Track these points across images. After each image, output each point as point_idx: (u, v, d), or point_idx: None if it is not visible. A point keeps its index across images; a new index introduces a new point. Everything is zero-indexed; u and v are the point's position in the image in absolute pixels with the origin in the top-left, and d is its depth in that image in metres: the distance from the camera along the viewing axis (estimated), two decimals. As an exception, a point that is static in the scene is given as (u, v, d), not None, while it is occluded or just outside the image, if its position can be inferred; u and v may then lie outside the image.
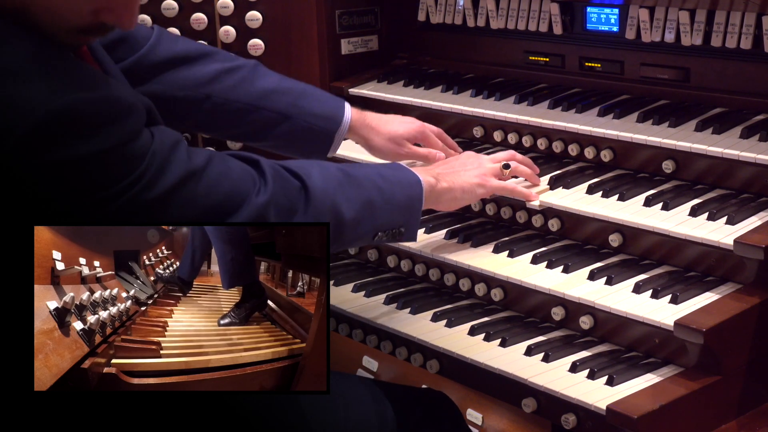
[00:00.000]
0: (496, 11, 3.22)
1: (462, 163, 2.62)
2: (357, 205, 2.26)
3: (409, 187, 2.40)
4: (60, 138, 1.78)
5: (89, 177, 1.82)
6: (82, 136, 1.80)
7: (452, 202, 2.55)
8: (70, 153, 1.79)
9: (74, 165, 1.80)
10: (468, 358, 2.42)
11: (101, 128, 1.83)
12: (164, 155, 1.93)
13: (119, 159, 1.86)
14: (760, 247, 2.26)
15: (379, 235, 2.35)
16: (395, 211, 2.36)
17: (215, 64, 2.78)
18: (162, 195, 1.90)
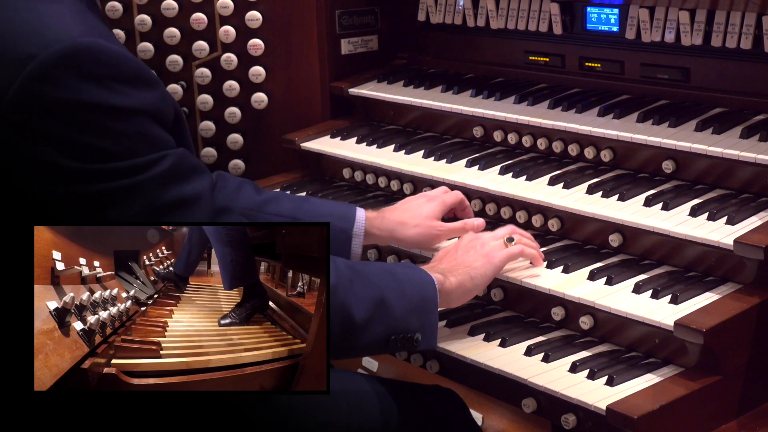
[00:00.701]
0: (496, 11, 3.22)
1: (464, 250, 2.45)
2: (368, 305, 2.13)
3: (421, 286, 2.25)
4: (84, 73, 1.71)
5: (96, 136, 1.73)
6: (104, 79, 1.73)
7: (463, 297, 2.39)
8: (87, 96, 1.71)
9: (85, 112, 1.72)
10: (468, 358, 2.42)
11: (126, 83, 1.76)
12: (186, 167, 1.85)
13: (135, 131, 1.77)
14: (760, 247, 2.26)
15: (393, 339, 2.19)
16: (409, 311, 2.20)
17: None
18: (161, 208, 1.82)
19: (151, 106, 1.82)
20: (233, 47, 3.46)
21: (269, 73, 3.47)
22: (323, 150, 3.30)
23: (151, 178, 1.81)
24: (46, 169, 1.75)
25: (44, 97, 1.70)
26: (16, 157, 1.75)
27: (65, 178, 1.76)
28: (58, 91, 1.71)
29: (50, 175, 1.75)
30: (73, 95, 1.72)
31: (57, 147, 1.73)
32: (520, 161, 2.91)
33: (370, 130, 3.36)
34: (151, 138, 1.81)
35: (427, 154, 3.05)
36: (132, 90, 1.78)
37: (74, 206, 1.79)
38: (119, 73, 1.77)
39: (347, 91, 3.43)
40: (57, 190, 1.77)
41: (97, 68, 1.74)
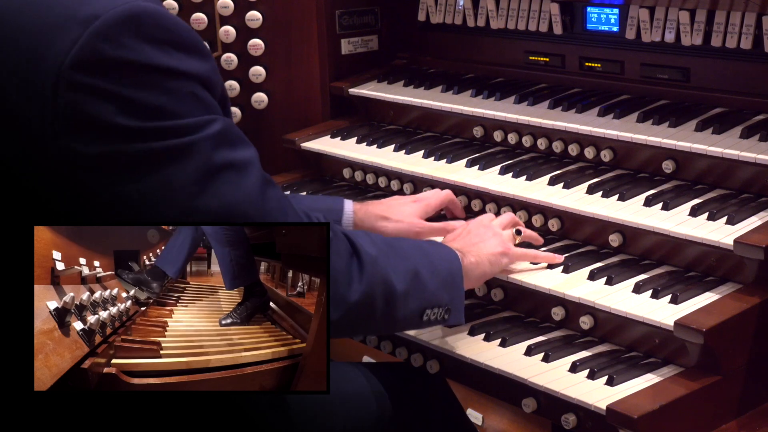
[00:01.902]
0: (496, 11, 3.22)
1: (478, 235, 2.47)
2: (406, 277, 2.16)
3: (449, 261, 2.30)
4: (144, 35, 1.75)
5: (153, 95, 1.77)
6: (162, 43, 1.77)
7: (482, 277, 2.42)
8: (146, 57, 1.76)
9: (144, 72, 1.76)
10: (468, 358, 2.42)
11: (181, 50, 1.80)
12: (235, 135, 1.89)
13: (189, 92, 1.81)
14: (760, 247, 2.26)
15: (427, 313, 2.22)
16: (440, 285, 2.24)
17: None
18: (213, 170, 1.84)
19: (204, 74, 1.86)
20: (233, 47, 3.46)
21: (269, 73, 3.47)
22: (323, 150, 3.30)
23: (204, 138, 1.83)
24: (103, 128, 1.77)
25: (106, 55, 1.74)
26: (74, 118, 1.76)
27: (122, 137, 1.77)
28: (120, 50, 1.75)
29: (107, 135, 1.77)
30: (134, 55, 1.76)
31: (116, 105, 1.76)
32: (520, 161, 2.91)
33: (370, 130, 3.36)
34: (203, 101, 1.85)
35: (427, 154, 3.05)
36: (186, 57, 1.82)
37: (129, 168, 1.80)
38: (176, 39, 1.82)
39: (347, 91, 3.43)
40: (112, 149, 1.78)
41: (157, 32, 1.79)
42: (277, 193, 2.00)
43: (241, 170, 1.90)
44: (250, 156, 1.94)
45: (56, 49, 1.75)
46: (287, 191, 3.26)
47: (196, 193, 1.84)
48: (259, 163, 1.97)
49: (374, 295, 2.11)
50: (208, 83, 1.88)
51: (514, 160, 2.92)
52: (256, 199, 1.92)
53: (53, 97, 1.75)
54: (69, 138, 1.77)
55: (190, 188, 1.83)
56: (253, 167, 1.93)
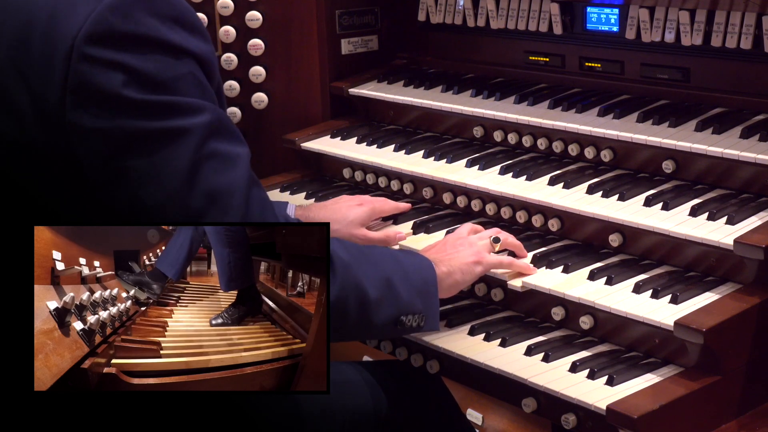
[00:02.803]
0: (496, 11, 3.22)
1: (452, 246, 2.51)
2: (379, 284, 2.19)
3: (422, 269, 2.33)
4: (154, 11, 1.82)
5: (158, 67, 1.83)
6: (169, 20, 1.84)
7: (453, 287, 2.44)
8: (155, 31, 1.82)
9: (152, 45, 1.82)
10: (468, 358, 2.42)
11: (186, 29, 1.86)
12: (228, 129, 1.94)
13: (189, 72, 1.88)
14: (760, 247, 2.26)
15: (402, 320, 2.25)
16: (414, 293, 2.27)
17: None
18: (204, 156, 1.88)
19: (204, 55, 1.92)
20: (233, 47, 3.46)
21: (269, 73, 3.47)
22: (323, 150, 3.30)
23: (200, 124, 1.88)
24: (110, 100, 1.81)
25: (117, 28, 1.80)
26: (82, 91, 1.81)
27: (127, 109, 1.82)
28: (131, 24, 1.81)
29: (113, 107, 1.82)
30: (143, 29, 1.82)
31: (123, 75, 1.81)
32: (520, 161, 2.91)
33: (370, 130, 3.36)
34: (200, 84, 1.91)
35: (427, 154, 3.05)
36: (190, 35, 1.89)
37: (129, 143, 1.84)
38: (182, 17, 1.88)
39: (347, 91, 3.43)
40: (116, 123, 1.82)
41: (166, 9, 1.85)
42: (261, 193, 2.03)
43: (230, 162, 1.94)
44: (241, 152, 1.98)
45: (70, 22, 1.80)
46: (287, 191, 3.26)
47: (185, 179, 1.87)
48: (248, 163, 2.00)
49: (347, 299, 2.13)
50: (207, 66, 1.93)
51: (514, 160, 2.92)
52: (242, 193, 1.94)
53: (65, 70, 1.80)
54: (76, 111, 1.81)
55: (180, 173, 1.87)
56: (242, 162, 1.97)
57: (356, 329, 2.24)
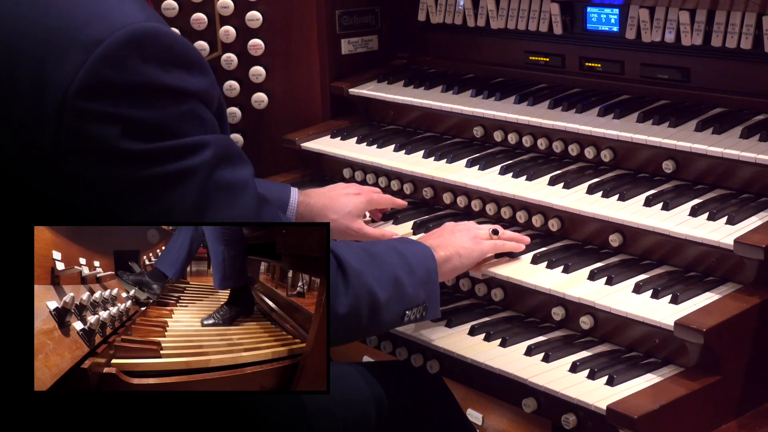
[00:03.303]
0: (497, 11, 3.22)
1: (450, 232, 2.53)
2: (388, 285, 2.21)
3: (424, 259, 2.34)
4: (147, 57, 1.76)
5: (155, 114, 1.78)
6: (164, 63, 1.78)
7: (452, 272, 2.46)
8: (149, 77, 1.76)
9: (147, 93, 1.76)
10: (468, 358, 2.42)
11: (183, 68, 1.81)
12: (233, 154, 1.90)
13: (189, 111, 1.82)
14: (760, 247, 2.26)
15: (407, 314, 2.27)
16: (418, 285, 2.29)
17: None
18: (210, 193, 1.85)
19: (204, 90, 1.87)
20: (233, 47, 3.46)
21: (269, 73, 3.47)
22: (323, 150, 3.30)
23: (203, 162, 1.84)
24: (106, 152, 1.77)
25: (110, 80, 1.75)
26: (76, 144, 1.77)
27: (124, 160, 1.78)
28: (124, 74, 1.76)
29: (109, 159, 1.78)
30: (138, 78, 1.77)
31: (120, 127, 1.76)
32: (521, 161, 2.91)
33: (370, 130, 3.36)
34: (202, 120, 1.86)
35: (427, 154, 3.05)
36: (187, 74, 1.83)
37: (129, 191, 1.81)
38: (178, 57, 1.82)
39: (347, 91, 3.43)
40: (114, 173, 1.79)
41: (159, 52, 1.79)
42: (270, 210, 2.02)
43: (237, 192, 1.92)
44: (246, 176, 1.96)
45: (60, 75, 1.74)
46: (287, 191, 3.26)
47: (194, 217, 1.85)
48: (254, 182, 1.98)
49: (360, 306, 2.15)
50: (207, 99, 1.89)
51: (514, 160, 2.92)
52: (252, 218, 1.94)
53: (58, 124, 1.75)
54: (72, 163, 1.77)
55: (189, 212, 1.85)
56: (248, 187, 1.95)
57: (367, 331, 2.27)
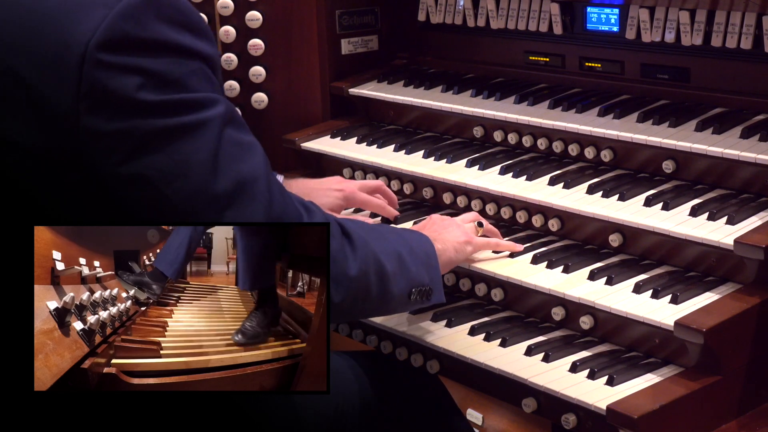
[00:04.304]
0: (496, 11, 3.22)
1: (440, 225, 2.55)
2: (392, 257, 2.23)
3: (423, 243, 2.36)
4: (162, 16, 1.86)
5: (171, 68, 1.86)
6: (177, 25, 1.88)
7: (448, 264, 2.48)
8: (164, 35, 1.86)
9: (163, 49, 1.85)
10: (468, 358, 2.42)
11: (193, 32, 1.90)
12: (240, 119, 1.99)
13: (200, 69, 1.91)
14: (760, 247, 2.26)
15: (413, 292, 2.29)
16: (420, 266, 2.31)
17: None
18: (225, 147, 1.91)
19: (212, 56, 1.97)
20: (233, 47, 3.46)
21: (269, 73, 3.47)
22: (323, 150, 3.30)
23: (215, 115, 1.92)
24: (126, 103, 1.84)
25: (129, 34, 1.83)
26: (98, 96, 1.82)
27: (143, 110, 1.85)
28: (142, 29, 1.85)
29: (129, 109, 1.84)
30: (154, 34, 1.86)
31: (137, 78, 1.84)
32: (520, 161, 2.91)
33: (370, 130, 3.36)
34: (210, 80, 1.95)
35: (427, 154, 3.05)
36: (198, 38, 1.93)
37: (148, 142, 1.86)
38: (189, 22, 1.92)
39: (347, 91, 3.43)
40: (133, 124, 1.85)
41: (174, 14, 1.89)
42: (276, 179, 2.07)
43: (249, 149, 1.99)
44: (255, 140, 2.04)
45: (81, 29, 1.81)
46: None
47: (210, 169, 1.91)
48: (263, 150, 2.05)
49: (368, 272, 2.17)
50: (214, 66, 1.97)
51: (514, 160, 2.92)
52: (265, 178, 1.99)
53: (78, 76, 1.81)
54: (91, 116, 1.82)
55: (204, 165, 1.90)
56: (259, 149, 2.03)
57: (377, 304, 2.25)
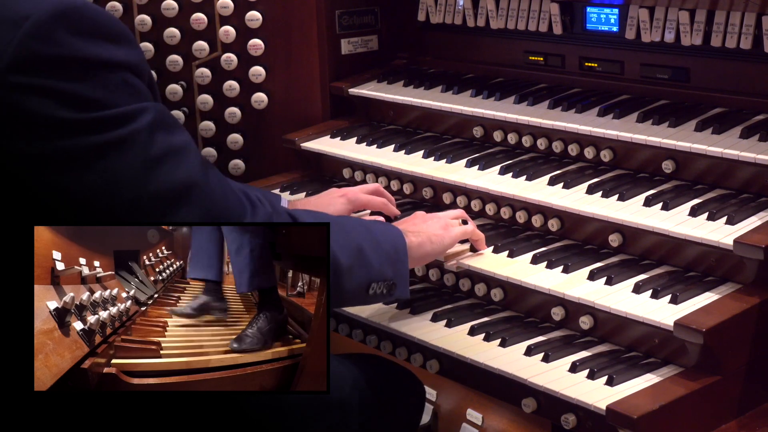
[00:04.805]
0: (496, 11, 3.22)
1: (422, 219, 2.57)
2: (349, 251, 2.22)
3: (392, 237, 2.37)
4: (75, 30, 1.79)
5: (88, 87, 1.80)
6: (92, 36, 1.81)
7: (423, 258, 2.49)
8: (79, 50, 1.79)
9: (78, 65, 1.79)
10: (468, 358, 2.42)
11: (111, 41, 1.84)
12: (169, 120, 1.92)
13: (122, 82, 1.85)
14: (760, 247, 2.26)
15: (373, 287, 2.29)
16: (385, 260, 2.31)
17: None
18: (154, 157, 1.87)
19: (133, 61, 1.90)
20: (233, 47, 3.46)
21: (269, 73, 3.47)
22: (323, 150, 3.30)
23: (141, 127, 1.87)
24: (44, 125, 1.79)
25: (41, 53, 1.78)
26: (13, 119, 1.78)
27: (63, 131, 1.80)
28: (53, 47, 1.79)
29: (48, 131, 1.79)
30: (67, 51, 1.80)
31: (54, 99, 1.78)
32: (520, 161, 2.91)
33: (370, 130, 3.36)
34: (135, 89, 1.89)
35: (427, 154, 3.05)
36: (115, 47, 1.87)
37: (73, 163, 1.82)
38: (105, 30, 1.86)
39: (347, 91, 3.43)
40: (55, 146, 1.80)
41: (87, 25, 1.83)
42: (217, 173, 2.03)
43: (180, 153, 1.93)
44: (187, 140, 1.98)
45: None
46: (287, 191, 3.26)
47: (142, 182, 1.86)
48: (195, 146, 2.00)
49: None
50: (137, 70, 1.91)
51: (514, 160, 2.92)
52: (201, 178, 1.94)
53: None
54: (11, 139, 1.79)
55: (136, 178, 1.86)
56: (190, 149, 1.96)
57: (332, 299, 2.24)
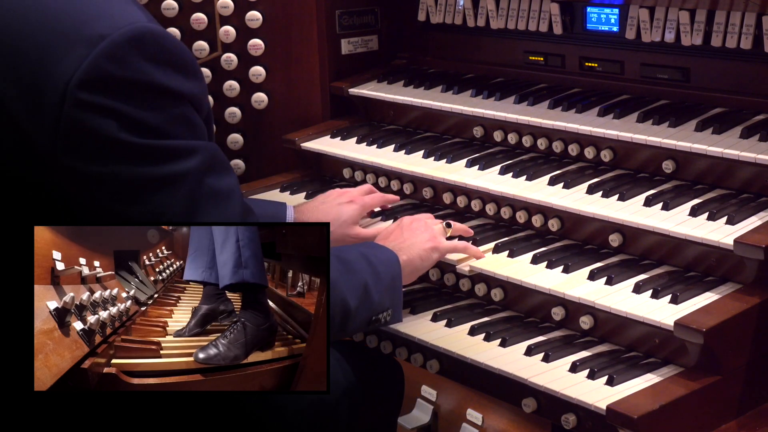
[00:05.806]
0: (496, 11, 3.22)
1: (410, 231, 2.56)
2: (358, 293, 2.25)
3: (390, 266, 2.39)
4: (147, 56, 1.82)
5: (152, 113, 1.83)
6: (162, 64, 1.84)
7: (413, 274, 2.51)
8: (148, 76, 1.82)
9: (146, 91, 1.82)
10: (468, 358, 2.42)
11: (179, 71, 1.86)
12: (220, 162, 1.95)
13: (182, 114, 1.87)
14: (760, 247, 2.26)
15: (372, 320, 2.32)
16: (384, 292, 2.34)
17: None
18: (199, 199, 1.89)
19: (197, 95, 1.93)
20: (233, 47, 3.46)
21: (269, 73, 3.47)
22: (323, 150, 3.30)
23: (193, 167, 1.90)
24: (103, 145, 1.82)
25: (111, 75, 1.80)
26: (75, 135, 1.80)
27: (120, 154, 1.83)
28: (124, 70, 1.81)
29: (106, 152, 1.82)
30: (137, 75, 1.82)
31: (117, 121, 1.81)
32: (520, 161, 2.91)
33: (370, 130, 3.36)
34: (193, 125, 1.92)
35: (427, 154, 3.05)
36: (183, 78, 1.89)
37: (124, 190, 1.85)
38: (175, 60, 1.89)
39: (347, 91, 3.43)
40: (111, 169, 1.83)
41: (159, 53, 1.86)
42: (255, 220, 2.06)
43: (224, 199, 1.97)
44: (233, 184, 2.01)
45: (62, 67, 1.78)
46: (287, 191, 3.26)
47: (180, 220, 1.91)
48: (240, 192, 2.03)
49: (334, 315, 2.18)
50: (198, 104, 1.94)
51: (514, 160, 2.92)
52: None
53: (58, 115, 1.79)
54: (70, 155, 1.81)
55: (176, 216, 1.90)
56: (235, 196, 2.00)
57: (334, 337, 2.29)
